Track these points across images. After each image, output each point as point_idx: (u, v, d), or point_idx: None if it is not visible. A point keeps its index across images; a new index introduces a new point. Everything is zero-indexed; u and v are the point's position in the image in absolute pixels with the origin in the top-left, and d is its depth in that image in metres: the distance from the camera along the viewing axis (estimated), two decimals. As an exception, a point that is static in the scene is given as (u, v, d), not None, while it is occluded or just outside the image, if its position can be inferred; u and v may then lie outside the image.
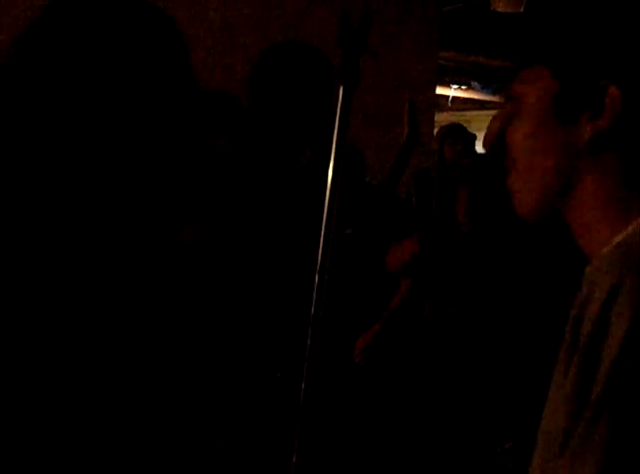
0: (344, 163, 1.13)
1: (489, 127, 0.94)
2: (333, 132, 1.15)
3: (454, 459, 2.74)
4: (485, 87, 7.31)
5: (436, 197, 3.74)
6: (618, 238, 0.83)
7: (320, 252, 1.11)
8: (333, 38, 1.19)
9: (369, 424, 2.81)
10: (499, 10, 5.39)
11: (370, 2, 4.51)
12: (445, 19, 5.20)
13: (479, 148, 4.46)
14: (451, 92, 7.64)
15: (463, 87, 7.52)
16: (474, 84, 7.28)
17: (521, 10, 5.52)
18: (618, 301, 0.75)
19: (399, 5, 5.04)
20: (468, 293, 2.78)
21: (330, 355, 1.43)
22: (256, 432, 1.53)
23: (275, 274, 1.65)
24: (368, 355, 2.89)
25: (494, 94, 7.50)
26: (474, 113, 9.24)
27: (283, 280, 1.62)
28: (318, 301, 1.10)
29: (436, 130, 4.87)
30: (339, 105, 1.12)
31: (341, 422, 2.69)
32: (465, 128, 4.46)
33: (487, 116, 9.08)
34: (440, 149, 4.17)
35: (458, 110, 8.88)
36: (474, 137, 4.43)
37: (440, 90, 6.36)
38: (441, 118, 6.93)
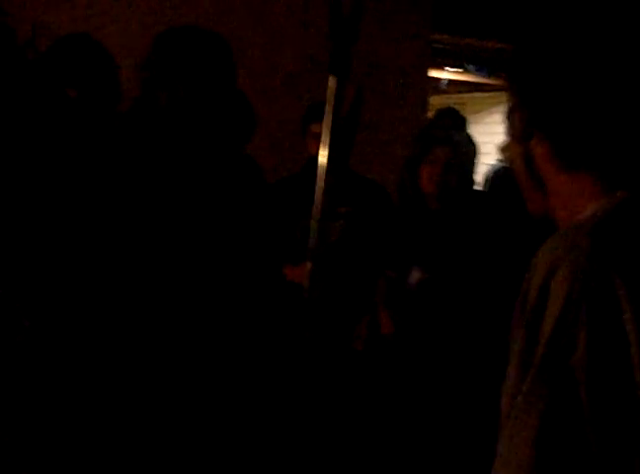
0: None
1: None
2: (324, 122, 1.17)
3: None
4: (479, 69, 7.28)
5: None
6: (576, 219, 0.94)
7: (314, 235, 1.14)
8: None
9: (370, 405, 2.84)
10: (492, -8, 5.37)
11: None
12: (438, 1, 5.19)
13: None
14: (445, 75, 7.62)
15: (458, 70, 7.50)
16: (468, 67, 7.25)
17: (514, -8, 5.49)
18: (555, 278, 0.84)
19: (392, -12, 5.03)
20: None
21: (326, 339, 1.45)
22: (257, 416, 1.56)
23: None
24: (366, 342, 2.86)
25: (488, 76, 7.48)
26: (469, 95, 9.22)
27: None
28: (312, 285, 1.12)
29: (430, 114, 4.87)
30: (331, 95, 1.13)
31: (339, 405, 2.72)
32: (457, 112, 4.46)
33: (482, 98, 9.07)
34: (431, 133, 4.17)
35: (453, 92, 8.86)
36: (464, 121, 4.43)
37: (433, 73, 6.36)
38: (436, 102, 6.94)
